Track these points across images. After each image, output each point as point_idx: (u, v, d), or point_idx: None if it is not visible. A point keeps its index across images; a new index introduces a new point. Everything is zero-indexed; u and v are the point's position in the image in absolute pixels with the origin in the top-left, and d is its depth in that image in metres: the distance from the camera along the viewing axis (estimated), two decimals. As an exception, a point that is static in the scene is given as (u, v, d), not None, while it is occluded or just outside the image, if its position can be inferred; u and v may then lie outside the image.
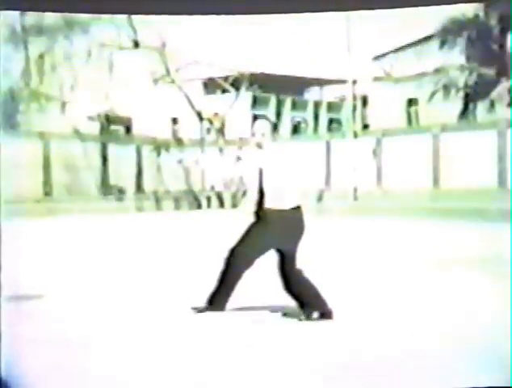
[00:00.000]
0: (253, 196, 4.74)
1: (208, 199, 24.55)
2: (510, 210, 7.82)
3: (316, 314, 4.67)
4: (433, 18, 23.89)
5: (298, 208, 4.66)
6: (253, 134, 4.72)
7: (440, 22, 24.48)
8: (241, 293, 4.87)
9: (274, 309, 5.02)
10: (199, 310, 4.79)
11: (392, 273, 7.18)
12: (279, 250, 4.66)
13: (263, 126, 4.73)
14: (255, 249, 4.63)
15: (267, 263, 4.78)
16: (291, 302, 4.78)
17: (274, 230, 4.59)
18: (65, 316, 5.03)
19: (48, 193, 21.46)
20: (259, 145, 4.70)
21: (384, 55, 28.23)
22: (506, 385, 3.32)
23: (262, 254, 4.65)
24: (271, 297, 5.33)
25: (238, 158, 4.67)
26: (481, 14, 23.37)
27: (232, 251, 4.71)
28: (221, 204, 24.13)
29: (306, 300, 4.67)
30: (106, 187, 23.17)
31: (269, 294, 5.43)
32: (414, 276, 7.02)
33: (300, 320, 4.69)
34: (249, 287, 5.06)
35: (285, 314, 4.81)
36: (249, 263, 4.68)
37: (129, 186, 23.92)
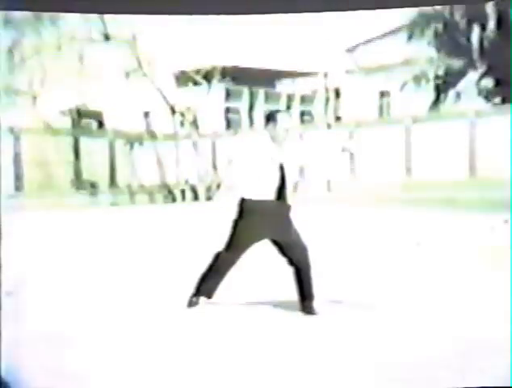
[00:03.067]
0: (234, 189, 4.77)
1: (183, 192, 24.47)
2: (510, 204, 7.98)
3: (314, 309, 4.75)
4: (402, 10, 24.06)
5: (283, 200, 4.73)
6: (272, 129, 4.74)
7: (410, 14, 24.67)
8: (238, 287, 4.90)
9: (273, 303, 5.06)
10: (191, 304, 4.80)
11: (367, 263, 7.26)
12: (272, 240, 4.74)
13: (285, 120, 4.79)
14: (244, 241, 4.68)
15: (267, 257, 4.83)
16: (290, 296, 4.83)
17: (259, 221, 4.63)
18: (36, 313, 5.00)
19: (19, 188, 21.17)
20: (278, 140, 4.75)
21: (355, 47, 28.35)
22: (506, 386, 3.34)
23: (251, 245, 4.70)
24: (272, 290, 5.37)
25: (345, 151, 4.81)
26: (449, 7, 23.61)
27: (225, 246, 4.75)
28: (196, 197, 24.07)
29: (305, 285, 4.75)
30: (78, 182, 22.94)
31: (269, 287, 5.48)
32: (391, 265, 7.10)
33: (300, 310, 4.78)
34: (249, 280, 5.11)
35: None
36: (239, 256, 4.72)
37: (102, 180, 23.71)
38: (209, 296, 4.85)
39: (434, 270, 6.78)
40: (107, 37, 25.21)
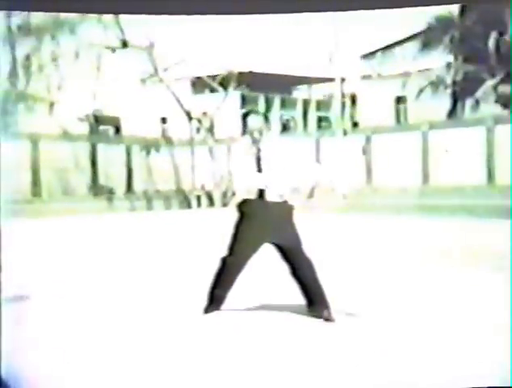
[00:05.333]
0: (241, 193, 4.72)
1: (198, 198, 24.52)
2: (510, 206, 7.85)
3: (326, 313, 4.64)
4: (420, 16, 24.00)
5: (285, 201, 4.66)
6: (248, 130, 4.70)
7: (427, 20, 24.60)
8: (247, 293, 4.87)
9: (280, 308, 5.03)
10: (207, 310, 4.76)
11: (383, 270, 7.20)
12: (275, 245, 4.65)
13: (257, 121, 4.71)
14: (246, 244, 4.61)
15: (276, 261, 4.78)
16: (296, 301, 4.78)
17: (260, 223, 4.56)
18: (53, 317, 5.01)
19: (37, 194, 21.35)
20: (255, 141, 4.68)
21: (372, 53, 28.31)
22: (506, 386, 3.31)
23: (255, 249, 4.63)
24: (279, 295, 5.34)
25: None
26: (466, 13, 23.49)
27: (228, 251, 4.70)
28: (211, 203, 24.11)
29: (310, 293, 4.66)
30: (95, 188, 23.09)
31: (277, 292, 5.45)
32: (405, 272, 7.04)
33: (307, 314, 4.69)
34: (255, 285, 5.06)
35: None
36: (244, 260, 4.66)
37: (119, 186, 23.84)
38: (220, 302, 4.81)
39: (449, 277, 6.72)
40: (124, 44, 25.42)
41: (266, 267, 5.04)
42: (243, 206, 4.61)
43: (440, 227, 12.81)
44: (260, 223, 4.56)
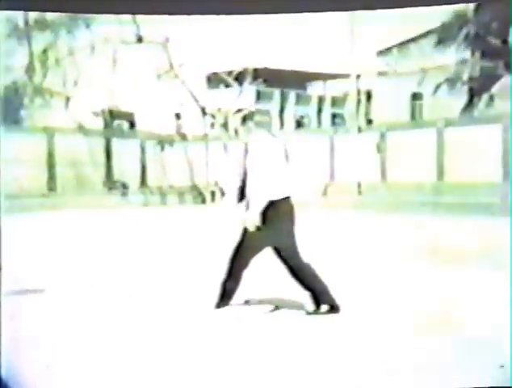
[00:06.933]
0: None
1: (212, 193, 24.57)
2: (511, 203, 7.77)
3: (324, 308, 4.66)
4: (436, 12, 23.81)
5: (287, 199, 4.65)
6: (235, 131, 4.73)
7: (443, 16, 24.40)
8: (251, 288, 4.88)
9: (283, 304, 5.03)
10: (217, 305, 4.79)
11: (396, 267, 7.17)
12: (275, 249, 4.65)
13: (246, 121, 4.72)
14: (254, 238, 4.62)
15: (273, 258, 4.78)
16: (300, 296, 4.78)
17: (266, 220, 4.57)
18: (68, 312, 5.04)
19: (52, 188, 21.48)
20: (245, 143, 4.71)
21: (387, 50, 28.13)
22: (506, 386, 3.30)
23: (261, 243, 4.63)
24: (282, 290, 5.34)
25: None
26: (483, 8, 23.26)
27: (236, 247, 4.73)
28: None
29: (314, 292, 4.67)
30: (110, 182, 23.19)
31: (279, 288, 5.45)
32: (419, 270, 7.01)
33: (308, 313, 4.69)
34: (259, 281, 5.06)
35: (308, 313, 4.77)
36: (252, 254, 4.68)
37: (133, 181, 23.93)
38: (230, 296, 4.83)
39: (462, 275, 6.68)
40: (139, 39, 25.48)
41: (275, 263, 5.04)
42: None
43: (454, 224, 12.73)
44: (265, 218, 4.58)
